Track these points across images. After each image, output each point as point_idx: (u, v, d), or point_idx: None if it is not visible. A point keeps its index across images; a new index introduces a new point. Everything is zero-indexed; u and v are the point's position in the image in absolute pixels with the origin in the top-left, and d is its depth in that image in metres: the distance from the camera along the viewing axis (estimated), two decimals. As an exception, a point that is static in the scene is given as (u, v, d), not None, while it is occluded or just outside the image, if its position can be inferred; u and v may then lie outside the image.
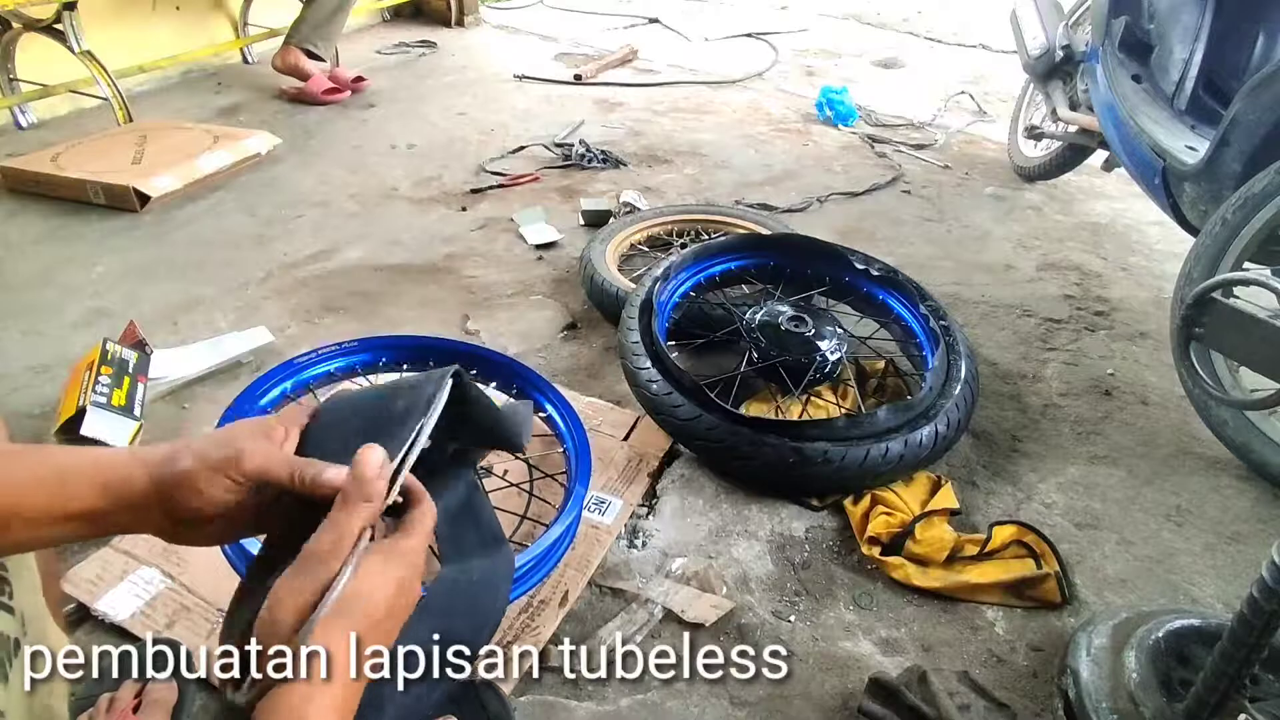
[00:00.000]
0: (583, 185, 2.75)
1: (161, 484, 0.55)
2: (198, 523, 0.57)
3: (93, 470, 0.55)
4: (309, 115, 3.25)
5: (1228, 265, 1.55)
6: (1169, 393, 1.81)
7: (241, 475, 0.55)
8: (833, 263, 1.86)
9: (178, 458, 0.56)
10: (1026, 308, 2.14)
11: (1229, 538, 1.45)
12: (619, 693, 1.13)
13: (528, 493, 1.40)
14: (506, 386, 1.53)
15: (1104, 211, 2.74)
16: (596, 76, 3.85)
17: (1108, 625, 1.18)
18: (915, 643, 1.23)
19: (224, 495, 0.56)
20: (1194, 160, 1.82)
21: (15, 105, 2.95)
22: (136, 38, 3.35)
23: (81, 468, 0.55)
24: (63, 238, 2.27)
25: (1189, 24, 2.13)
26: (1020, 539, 1.37)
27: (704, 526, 1.42)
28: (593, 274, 1.94)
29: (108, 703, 0.99)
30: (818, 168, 2.98)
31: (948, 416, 1.48)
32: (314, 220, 2.45)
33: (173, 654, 1.07)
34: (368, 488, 0.53)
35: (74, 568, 1.22)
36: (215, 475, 0.55)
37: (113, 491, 0.55)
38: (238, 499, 0.56)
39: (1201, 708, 0.97)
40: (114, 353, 1.58)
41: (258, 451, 0.56)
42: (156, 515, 0.56)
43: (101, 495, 0.55)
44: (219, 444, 0.56)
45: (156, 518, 0.56)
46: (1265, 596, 0.85)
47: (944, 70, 4.21)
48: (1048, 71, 2.66)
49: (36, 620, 0.65)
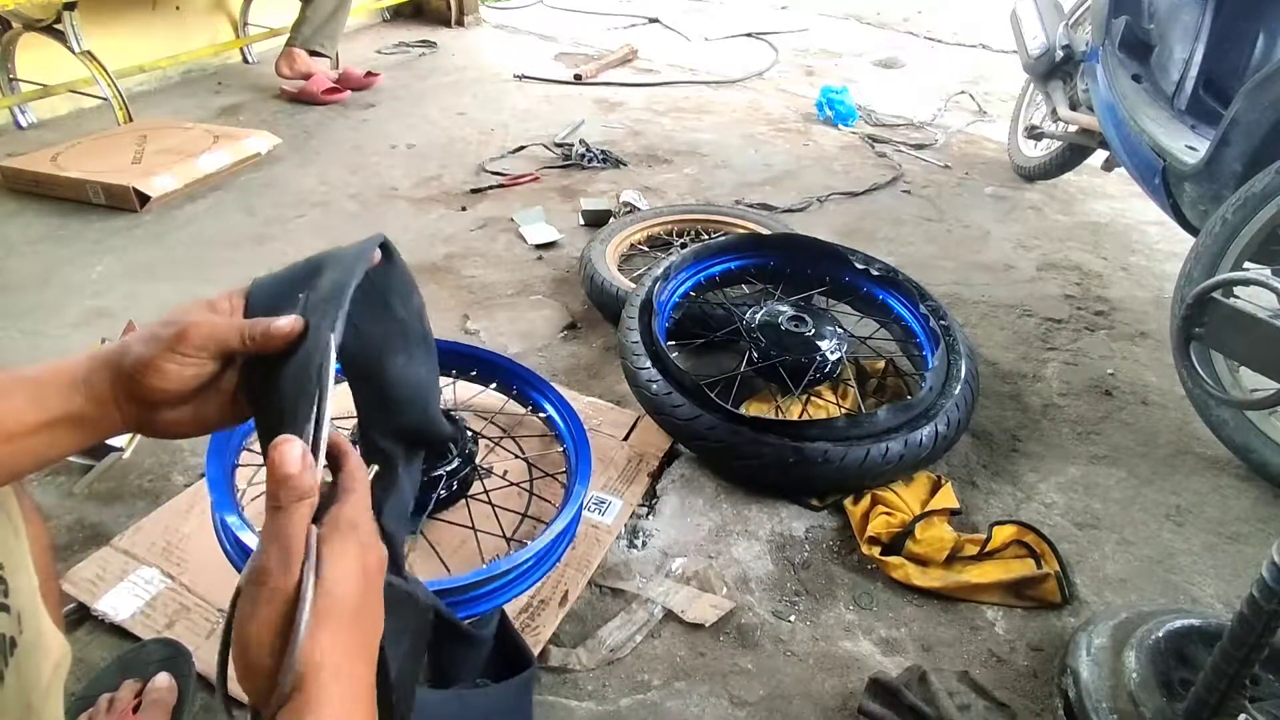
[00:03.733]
0: (583, 185, 2.75)
1: (119, 372, 0.56)
2: (171, 403, 0.57)
3: (58, 376, 0.56)
4: (309, 115, 3.25)
5: (1228, 265, 1.55)
6: (1169, 393, 1.81)
7: (193, 348, 0.56)
8: (833, 263, 1.86)
9: (129, 346, 0.56)
10: (1026, 308, 2.14)
11: (1229, 538, 1.44)
12: (619, 693, 1.13)
13: (528, 491, 1.40)
14: (506, 387, 1.53)
15: (1104, 211, 2.74)
16: (596, 76, 3.85)
17: (1108, 625, 1.18)
18: (915, 643, 1.23)
19: (184, 371, 0.56)
20: (1194, 160, 1.82)
21: (15, 105, 2.95)
22: (136, 38, 3.36)
23: (48, 376, 0.56)
24: (62, 238, 2.27)
25: (1189, 24, 2.12)
26: (1020, 539, 1.37)
27: (704, 526, 1.42)
28: (593, 274, 1.94)
29: (108, 703, 0.99)
30: (818, 168, 2.98)
31: (948, 416, 1.48)
32: (314, 220, 2.45)
33: (173, 654, 1.07)
34: (297, 485, 0.48)
35: (74, 568, 1.22)
36: (168, 353, 0.55)
37: (84, 390, 0.56)
38: (199, 373, 0.57)
39: (1201, 708, 0.96)
40: (114, 352, 1.57)
41: (204, 322, 0.56)
42: (130, 407, 0.57)
43: (73, 395, 0.56)
44: (165, 324, 0.57)
45: (131, 410, 0.57)
46: (1265, 596, 0.85)
47: (944, 70, 4.21)
48: (1048, 71, 2.66)
49: (33, 619, 0.65)
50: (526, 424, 1.55)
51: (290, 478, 0.48)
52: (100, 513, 1.36)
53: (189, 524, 1.31)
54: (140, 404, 0.57)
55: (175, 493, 1.39)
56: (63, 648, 0.71)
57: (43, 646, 0.66)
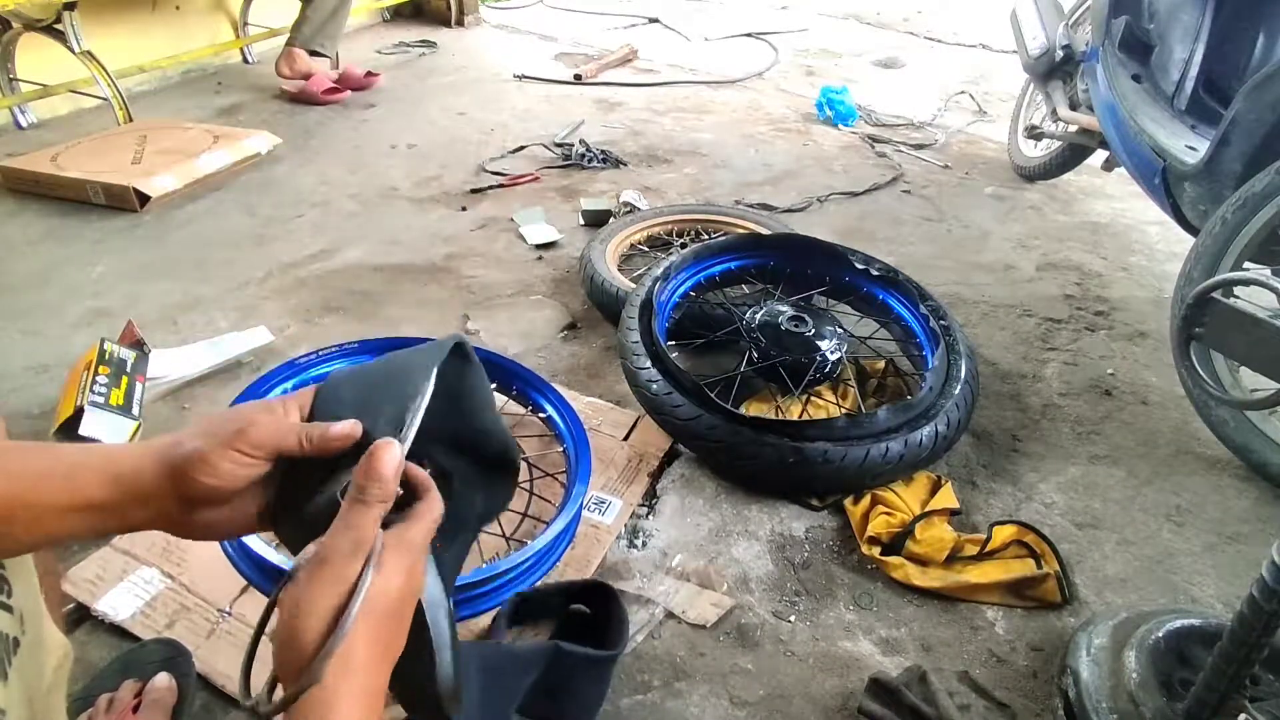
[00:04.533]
0: (583, 185, 2.75)
1: (172, 466, 0.55)
2: (212, 503, 0.57)
3: (102, 461, 0.55)
4: (309, 115, 3.25)
5: (1228, 265, 1.55)
6: (1169, 393, 1.81)
7: (250, 446, 0.55)
8: (833, 263, 1.86)
9: (185, 439, 0.56)
10: (1026, 308, 2.14)
11: (1229, 538, 1.45)
12: (619, 693, 1.13)
13: (528, 491, 1.40)
14: (506, 387, 1.53)
15: (1104, 211, 2.74)
16: (596, 76, 3.85)
17: (1108, 625, 1.18)
18: (915, 643, 1.23)
19: (236, 469, 0.56)
20: (1194, 160, 1.82)
21: (15, 105, 2.95)
22: (136, 38, 3.36)
23: (90, 460, 0.55)
24: (62, 238, 2.27)
25: (1189, 24, 2.13)
26: (1020, 539, 1.37)
27: (704, 526, 1.42)
28: (593, 274, 1.94)
29: (107, 703, 0.99)
30: (818, 168, 2.98)
31: (948, 416, 1.48)
32: (314, 220, 2.45)
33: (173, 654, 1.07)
34: (385, 486, 0.52)
35: (74, 568, 1.22)
36: (225, 450, 0.55)
37: (123, 482, 0.55)
38: (250, 474, 0.57)
39: (1201, 708, 0.96)
40: (112, 352, 1.58)
41: (265, 422, 0.56)
42: (169, 503, 0.56)
43: (111, 486, 0.55)
44: (226, 420, 0.56)
45: (169, 506, 0.56)
46: (1265, 596, 0.85)
47: (944, 70, 4.21)
48: (1048, 71, 2.66)
49: (35, 619, 0.65)
50: (526, 424, 1.55)
51: (384, 478, 0.52)
52: (100, 513, 1.36)
53: (189, 524, 1.31)
54: (183, 500, 0.56)
55: (175, 493, 1.39)
56: (64, 647, 0.71)
57: (45, 646, 0.66)
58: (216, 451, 0.55)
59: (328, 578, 0.49)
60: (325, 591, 0.48)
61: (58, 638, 0.70)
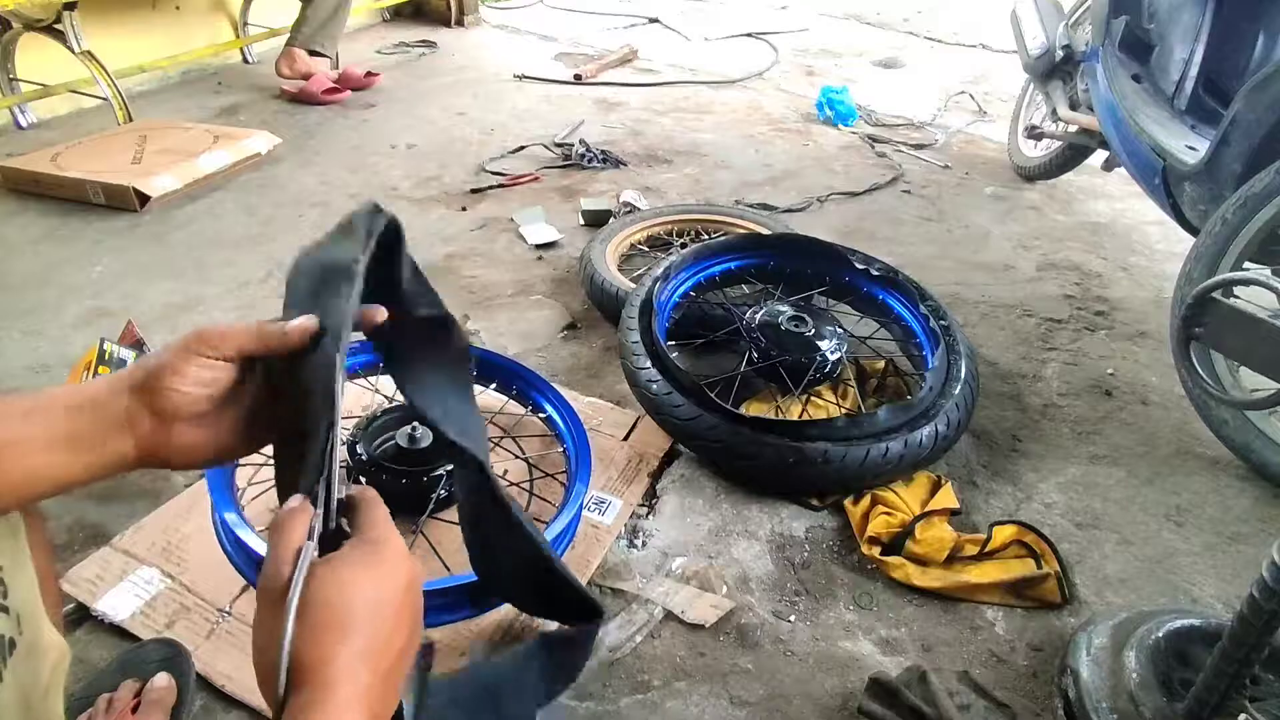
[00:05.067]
0: (583, 185, 2.75)
1: (141, 383, 0.57)
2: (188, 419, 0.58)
3: (71, 392, 0.58)
4: (309, 115, 3.25)
5: (1228, 265, 1.55)
6: (1169, 393, 1.81)
7: (209, 347, 0.58)
8: (833, 263, 1.86)
9: (145, 360, 0.59)
10: (1026, 308, 2.14)
11: (1229, 538, 1.44)
12: (619, 693, 1.13)
13: (528, 491, 1.40)
14: (506, 387, 1.53)
15: (1104, 211, 2.74)
16: (596, 76, 3.85)
17: (1108, 625, 1.18)
18: (915, 643, 1.23)
19: (202, 372, 0.58)
20: (1194, 160, 1.82)
21: (15, 105, 2.95)
22: (136, 37, 3.36)
23: (59, 392, 0.58)
24: (62, 237, 2.27)
25: (1189, 24, 2.13)
26: (1020, 539, 1.37)
27: (704, 526, 1.42)
28: (593, 274, 1.94)
29: (106, 703, 0.99)
30: (818, 168, 2.98)
31: (948, 416, 1.48)
32: (314, 220, 2.44)
33: (172, 654, 1.07)
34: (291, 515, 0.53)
35: (74, 568, 1.22)
36: (187, 353, 0.57)
37: (98, 408, 0.57)
38: (216, 376, 0.59)
39: (1201, 708, 0.96)
40: (111, 352, 1.58)
41: (223, 325, 0.59)
42: (146, 422, 0.57)
43: (88, 413, 0.57)
44: (181, 336, 0.59)
45: (146, 427, 0.58)
46: (1265, 596, 0.85)
47: (944, 70, 4.21)
48: (1048, 71, 2.66)
49: (33, 620, 0.65)
50: (526, 424, 1.55)
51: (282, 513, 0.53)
52: (100, 512, 1.36)
53: (189, 524, 1.31)
54: (158, 417, 0.57)
55: (175, 493, 1.39)
56: (62, 648, 0.71)
57: (42, 647, 0.66)
58: (180, 356, 0.57)
59: (264, 602, 0.51)
60: (264, 622, 0.50)
61: (55, 639, 0.70)
